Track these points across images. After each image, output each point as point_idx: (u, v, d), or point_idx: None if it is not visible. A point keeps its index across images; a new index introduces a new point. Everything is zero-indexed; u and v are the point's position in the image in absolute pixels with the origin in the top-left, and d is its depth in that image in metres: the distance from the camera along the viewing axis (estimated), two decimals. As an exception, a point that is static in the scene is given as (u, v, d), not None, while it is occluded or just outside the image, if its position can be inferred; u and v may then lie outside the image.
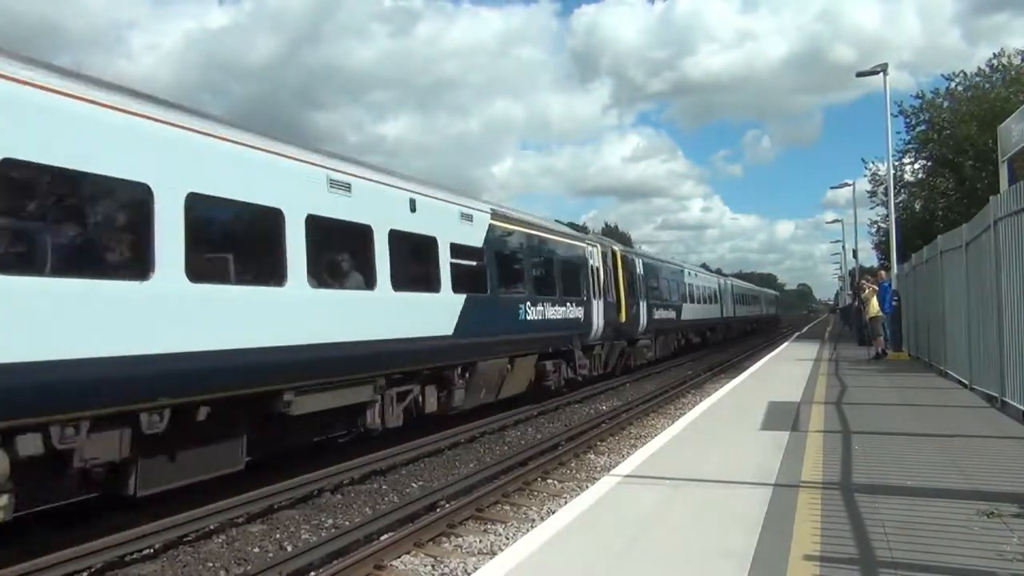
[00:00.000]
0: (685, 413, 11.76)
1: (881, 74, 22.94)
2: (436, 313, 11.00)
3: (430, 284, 11.04)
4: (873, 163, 33.35)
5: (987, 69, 28.95)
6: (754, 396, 12.18)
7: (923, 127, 29.96)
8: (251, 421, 7.94)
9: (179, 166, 6.93)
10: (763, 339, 46.72)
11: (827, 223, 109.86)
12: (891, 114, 23.71)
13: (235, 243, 7.95)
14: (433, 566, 6.27)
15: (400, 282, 9.99)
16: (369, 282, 9.51)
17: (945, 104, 29.21)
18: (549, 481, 9.29)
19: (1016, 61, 28.31)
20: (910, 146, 31.14)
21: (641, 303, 22.65)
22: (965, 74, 29.67)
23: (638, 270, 23.10)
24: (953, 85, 29.78)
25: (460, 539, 6.95)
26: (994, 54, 29.29)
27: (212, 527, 7.16)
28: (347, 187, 9.25)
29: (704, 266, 55.70)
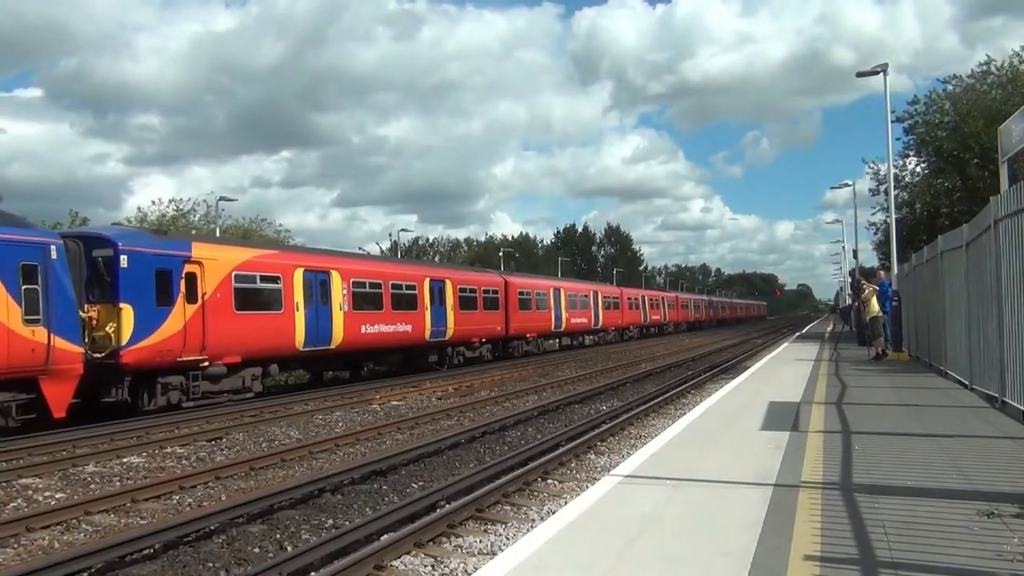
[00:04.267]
0: (685, 413, 11.76)
1: (881, 74, 22.96)
2: None
3: None
4: (875, 163, 33.39)
5: (981, 76, 28.95)
6: (754, 396, 12.18)
7: (921, 130, 30.03)
8: None
9: None
10: (764, 339, 46.71)
11: (827, 223, 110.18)
12: (890, 122, 23.70)
13: None
14: (433, 566, 6.26)
15: None
16: None
17: (947, 106, 29.20)
18: (549, 481, 9.29)
19: (1016, 62, 28.28)
20: (909, 149, 31.23)
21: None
22: (961, 78, 29.76)
23: None
24: (950, 88, 29.87)
25: (460, 539, 6.94)
26: (988, 57, 29.34)
27: (212, 527, 7.16)
28: None
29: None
